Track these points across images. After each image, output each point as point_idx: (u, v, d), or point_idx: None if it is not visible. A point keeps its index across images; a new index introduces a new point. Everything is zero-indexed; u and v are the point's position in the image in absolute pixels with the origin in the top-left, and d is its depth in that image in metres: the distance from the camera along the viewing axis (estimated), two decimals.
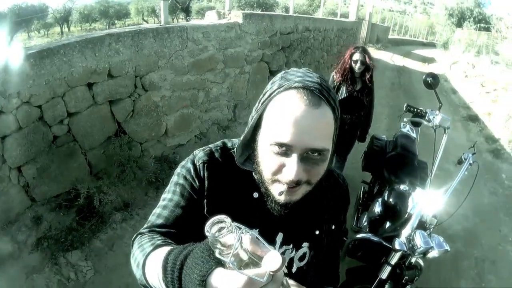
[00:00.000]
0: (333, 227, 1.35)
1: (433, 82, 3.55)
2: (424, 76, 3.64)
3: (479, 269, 4.45)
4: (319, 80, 1.02)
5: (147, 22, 41.03)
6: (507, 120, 8.89)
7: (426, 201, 2.75)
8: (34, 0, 35.26)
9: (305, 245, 1.28)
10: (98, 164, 4.34)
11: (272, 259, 0.70)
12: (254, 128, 1.09)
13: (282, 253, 1.21)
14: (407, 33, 47.17)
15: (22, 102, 3.48)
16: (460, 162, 3.05)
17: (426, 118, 3.42)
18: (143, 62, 4.60)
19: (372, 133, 4.77)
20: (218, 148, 1.22)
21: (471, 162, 2.98)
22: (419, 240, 2.51)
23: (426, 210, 2.73)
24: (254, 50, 6.91)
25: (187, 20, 19.21)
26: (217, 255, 0.69)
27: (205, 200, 1.15)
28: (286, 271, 1.23)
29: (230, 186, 1.17)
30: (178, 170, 1.21)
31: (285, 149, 0.98)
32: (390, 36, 34.53)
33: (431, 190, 2.88)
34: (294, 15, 9.48)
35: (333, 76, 4.82)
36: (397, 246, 2.57)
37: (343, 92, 4.68)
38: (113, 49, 4.19)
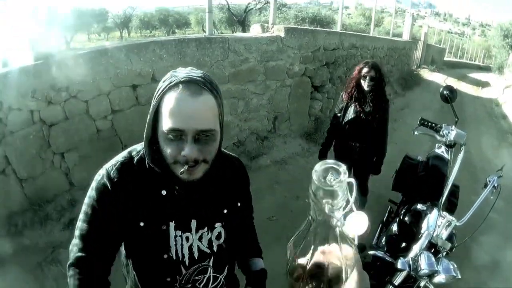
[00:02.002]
0: (239, 204, 1.54)
1: (450, 96, 3.54)
2: (441, 89, 3.63)
3: None
4: (202, 74, 1.23)
5: (205, 32, 42.03)
6: None
7: (439, 224, 2.73)
8: (95, 4, 36.59)
9: (218, 225, 1.45)
10: None
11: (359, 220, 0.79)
12: (153, 123, 1.26)
13: (200, 237, 1.41)
14: (463, 56, 46.06)
15: (70, 96, 3.89)
16: (485, 185, 2.93)
17: (440, 133, 3.37)
18: None
19: (408, 152, 4.56)
20: (125, 160, 1.36)
21: (495, 185, 2.87)
22: (423, 262, 2.48)
23: (439, 233, 2.70)
24: (296, 64, 6.93)
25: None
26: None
27: (121, 211, 1.30)
28: (208, 251, 1.45)
29: (140, 189, 1.31)
30: (90, 193, 1.34)
31: (180, 134, 1.18)
32: (446, 58, 33.86)
33: (444, 213, 2.82)
34: (339, 31, 9.48)
35: (341, 96, 4.42)
36: (399, 266, 2.57)
37: (350, 113, 4.25)
38: (157, 55, 4.47)
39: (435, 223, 2.73)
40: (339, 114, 4.34)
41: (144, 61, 4.40)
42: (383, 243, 3.30)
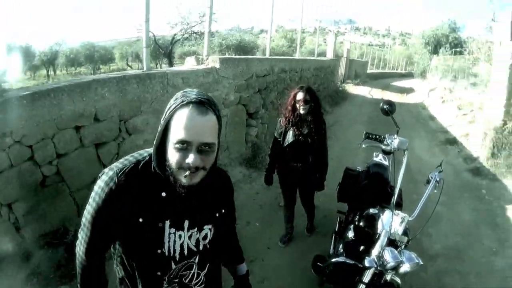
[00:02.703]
0: (223, 211, 1.82)
1: (389, 109, 3.83)
2: (381, 104, 3.92)
3: (465, 284, 4.58)
4: (208, 97, 1.51)
5: (131, 67, 41.21)
6: (484, 138, 9.18)
7: (393, 220, 3.00)
8: (22, 41, 35.45)
9: (206, 227, 1.74)
10: (85, 204, 4.38)
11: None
12: (163, 135, 1.51)
13: (190, 236, 1.69)
14: (386, 66, 47.65)
15: (14, 141, 3.65)
16: (428, 181, 3.20)
17: (385, 142, 3.65)
18: (127, 107, 4.80)
19: (346, 165, 4.83)
20: (131, 165, 1.60)
21: (438, 179, 3.15)
22: (388, 256, 2.75)
23: (395, 229, 2.96)
24: (231, 93, 7.16)
25: (170, 65, 19.52)
26: None
27: (124, 209, 1.55)
28: (195, 249, 1.72)
29: (143, 190, 1.56)
30: (96, 191, 1.60)
31: (186, 145, 1.43)
32: (368, 71, 35.11)
33: (398, 211, 3.09)
34: (270, 57, 9.78)
35: (279, 121, 4.65)
36: (367, 264, 2.83)
37: (289, 137, 4.48)
38: (99, 94, 4.37)
39: (390, 222, 3.00)
40: (279, 139, 4.59)
41: (87, 101, 4.25)
42: (341, 250, 3.50)
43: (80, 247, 1.69)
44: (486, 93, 10.30)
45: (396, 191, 3.21)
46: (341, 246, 3.61)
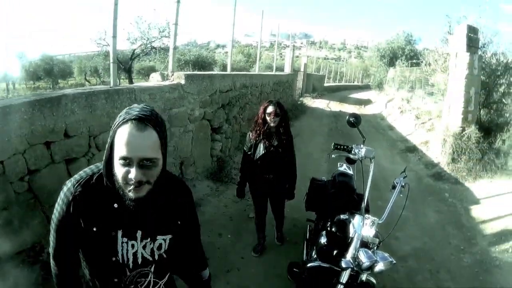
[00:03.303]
0: (179, 222, 1.92)
1: (355, 121, 4.03)
2: (347, 117, 4.10)
3: (436, 280, 4.88)
4: (149, 113, 1.61)
5: (89, 82, 40.66)
6: (444, 144, 9.66)
7: (364, 224, 3.18)
8: None
9: (160, 237, 1.84)
10: None
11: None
12: (110, 150, 1.62)
13: (144, 246, 1.80)
14: (342, 79, 48.47)
15: None
16: (393, 187, 3.39)
17: (352, 152, 3.86)
18: (96, 122, 4.73)
19: (312, 176, 5.00)
20: (87, 176, 1.74)
21: (403, 184, 3.36)
22: (363, 257, 2.93)
23: (366, 232, 3.14)
24: (196, 109, 7.29)
25: (130, 80, 19.38)
26: None
27: (80, 218, 1.69)
28: (150, 258, 1.83)
29: (96, 201, 1.70)
30: (57, 202, 1.76)
31: (128, 161, 1.54)
32: (326, 84, 35.81)
33: (368, 215, 3.28)
34: (232, 73, 10.01)
35: (248, 135, 4.87)
36: (343, 265, 2.99)
37: (260, 150, 4.70)
38: (69, 109, 4.29)
39: (361, 225, 3.19)
40: (249, 152, 4.79)
41: (57, 116, 4.16)
42: (314, 256, 3.66)
43: (50, 254, 1.84)
44: (443, 102, 10.78)
45: (366, 196, 3.43)
46: (314, 252, 3.77)
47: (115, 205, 1.69)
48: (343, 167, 4.84)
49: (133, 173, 1.54)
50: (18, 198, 3.92)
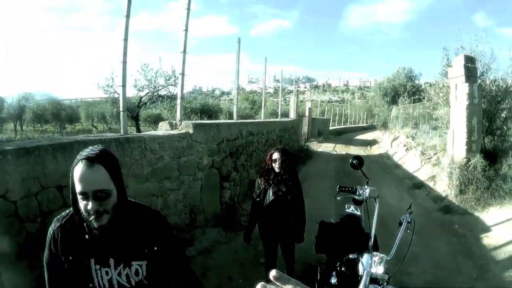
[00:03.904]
0: (155, 248, 2.05)
1: (358, 163, 4.13)
2: (350, 160, 4.22)
3: None
4: (97, 151, 1.88)
5: (96, 128, 41.10)
6: (450, 177, 9.65)
7: (372, 261, 3.23)
8: None
9: (134, 263, 2.01)
10: None
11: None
12: (72, 189, 1.86)
13: (119, 273, 1.98)
14: (347, 121, 48.67)
15: None
16: (400, 223, 3.44)
17: (357, 193, 3.98)
18: None
19: (320, 219, 5.04)
20: (65, 214, 2.03)
21: (409, 220, 3.43)
22: None
23: (375, 269, 3.18)
24: (204, 157, 7.38)
25: (137, 128, 19.55)
26: None
27: (59, 249, 1.94)
28: (127, 284, 2.00)
29: (72, 234, 1.95)
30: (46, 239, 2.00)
31: (85, 195, 1.79)
32: (331, 127, 36.03)
33: (376, 253, 3.33)
34: (238, 121, 10.18)
35: (257, 182, 4.96)
36: None
37: (270, 195, 4.76)
38: None
39: (370, 263, 3.23)
40: (258, 199, 4.87)
41: (69, 161, 3.84)
42: None
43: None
44: (448, 135, 10.84)
45: (372, 234, 3.50)
46: None
47: (86, 236, 1.93)
48: (351, 209, 4.88)
49: (90, 204, 1.80)
50: (30, 239, 3.92)
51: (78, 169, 1.80)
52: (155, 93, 19.12)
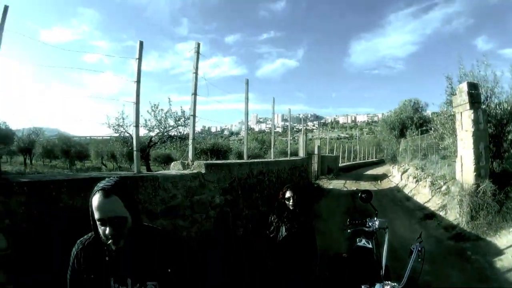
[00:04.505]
0: (169, 270, 2.25)
1: (366, 196, 4.36)
2: (359, 194, 4.42)
3: None
4: (113, 182, 2.15)
5: (105, 166, 41.12)
6: (461, 204, 9.59)
7: None
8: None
9: (149, 283, 2.23)
10: None
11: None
12: (92, 217, 2.13)
13: None
14: (356, 157, 48.48)
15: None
16: (410, 252, 3.49)
17: (367, 225, 4.16)
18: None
19: (332, 253, 5.05)
20: (87, 237, 2.30)
21: (419, 248, 3.46)
22: None
23: None
24: (216, 196, 7.47)
25: (147, 168, 19.61)
26: None
27: (81, 268, 2.22)
28: None
29: (93, 256, 2.21)
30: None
31: (103, 222, 2.07)
32: (340, 164, 35.88)
33: (387, 282, 3.37)
34: (249, 161, 10.37)
35: (270, 219, 5.03)
36: None
37: (283, 232, 4.85)
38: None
39: None
40: (271, 235, 4.94)
41: (84, 197, 4.15)
42: None
43: None
44: (456, 163, 10.85)
45: (383, 263, 3.61)
46: None
47: (106, 258, 2.19)
48: (362, 242, 4.83)
49: (107, 230, 2.07)
50: None
51: (96, 199, 2.07)
52: (165, 134, 19.28)
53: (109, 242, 2.09)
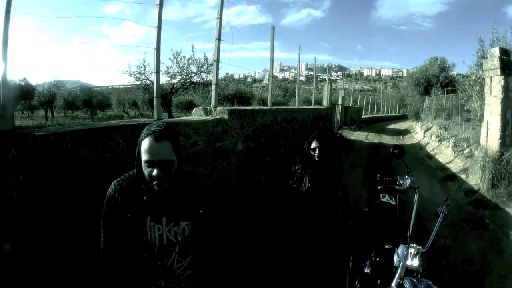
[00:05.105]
0: (201, 211, 2.39)
1: (399, 152, 4.17)
2: (391, 149, 4.22)
3: None
4: (163, 127, 2.20)
5: (127, 114, 41.44)
6: (483, 170, 9.33)
7: (409, 254, 3.16)
8: (19, 76, 36.02)
9: (183, 222, 2.34)
10: None
11: None
12: (138, 157, 2.20)
13: (169, 230, 2.31)
14: (379, 110, 48.11)
15: None
16: (436, 215, 3.46)
17: (397, 183, 4.02)
18: None
19: (353, 208, 4.96)
20: (124, 177, 2.36)
21: (446, 212, 3.42)
22: (408, 285, 2.91)
23: (410, 261, 3.12)
24: (239, 143, 7.35)
25: (169, 114, 19.57)
26: None
27: (118, 208, 2.27)
28: (174, 240, 2.32)
29: (130, 195, 2.27)
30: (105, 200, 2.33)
31: (151, 164, 2.13)
32: (364, 116, 35.56)
33: (411, 244, 3.25)
34: (273, 108, 10.15)
35: (294, 168, 4.90)
36: None
37: (306, 183, 4.74)
38: (113, 141, 4.28)
39: (405, 254, 3.18)
40: (294, 186, 4.81)
41: (101, 147, 4.15)
42: (358, 286, 3.72)
43: (100, 248, 2.39)
44: (481, 128, 10.55)
45: (411, 225, 3.49)
46: (357, 282, 3.80)
47: (144, 198, 2.25)
48: (386, 198, 4.73)
49: (155, 171, 2.13)
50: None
51: (146, 142, 2.14)
52: (188, 80, 19.17)
53: (154, 183, 2.16)
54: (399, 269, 3.11)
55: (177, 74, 19.34)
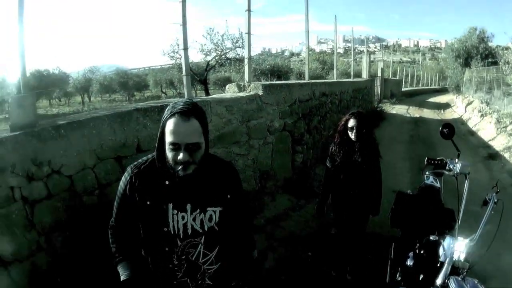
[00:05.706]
0: (229, 196, 2.14)
1: (449, 132, 3.66)
2: (440, 128, 3.72)
3: None
4: (191, 106, 1.90)
5: (165, 94, 41.82)
6: None
7: (456, 248, 2.84)
8: (54, 66, 36.78)
9: (210, 209, 2.07)
10: None
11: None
12: (161, 138, 1.92)
13: (194, 218, 2.04)
14: (419, 83, 47.51)
15: (53, 170, 3.52)
16: (485, 203, 3.08)
17: (447, 167, 3.65)
18: None
19: (397, 189, 4.62)
20: (142, 161, 2.10)
21: (496, 200, 3.04)
22: (453, 287, 2.57)
23: (457, 256, 2.79)
24: (275, 120, 7.06)
25: (206, 92, 19.45)
26: None
27: (136, 194, 2.01)
28: (200, 230, 2.05)
29: (150, 180, 2.01)
30: (120, 182, 2.12)
31: (176, 146, 1.84)
32: (403, 89, 34.94)
33: (460, 237, 2.93)
34: (310, 81, 9.72)
35: (331, 149, 4.53)
36: None
37: (344, 164, 4.38)
38: (141, 123, 4.29)
39: (453, 249, 2.85)
40: (331, 167, 4.46)
41: (128, 130, 4.21)
42: (399, 279, 3.37)
43: (110, 224, 2.25)
44: None
45: (460, 217, 3.22)
46: (398, 274, 3.47)
47: (166, 182, 1.99)
48: (430, 180, 4.49)
49: (181, 155, 1.85)
50: (88, 212, 3.87)
51: (172, 122, 1.85)
52: (223, 56, 18.99)
53: (179, 168, 1.89)
54: (445, 265, 2.77)
55: (212, 50, 19.05)
